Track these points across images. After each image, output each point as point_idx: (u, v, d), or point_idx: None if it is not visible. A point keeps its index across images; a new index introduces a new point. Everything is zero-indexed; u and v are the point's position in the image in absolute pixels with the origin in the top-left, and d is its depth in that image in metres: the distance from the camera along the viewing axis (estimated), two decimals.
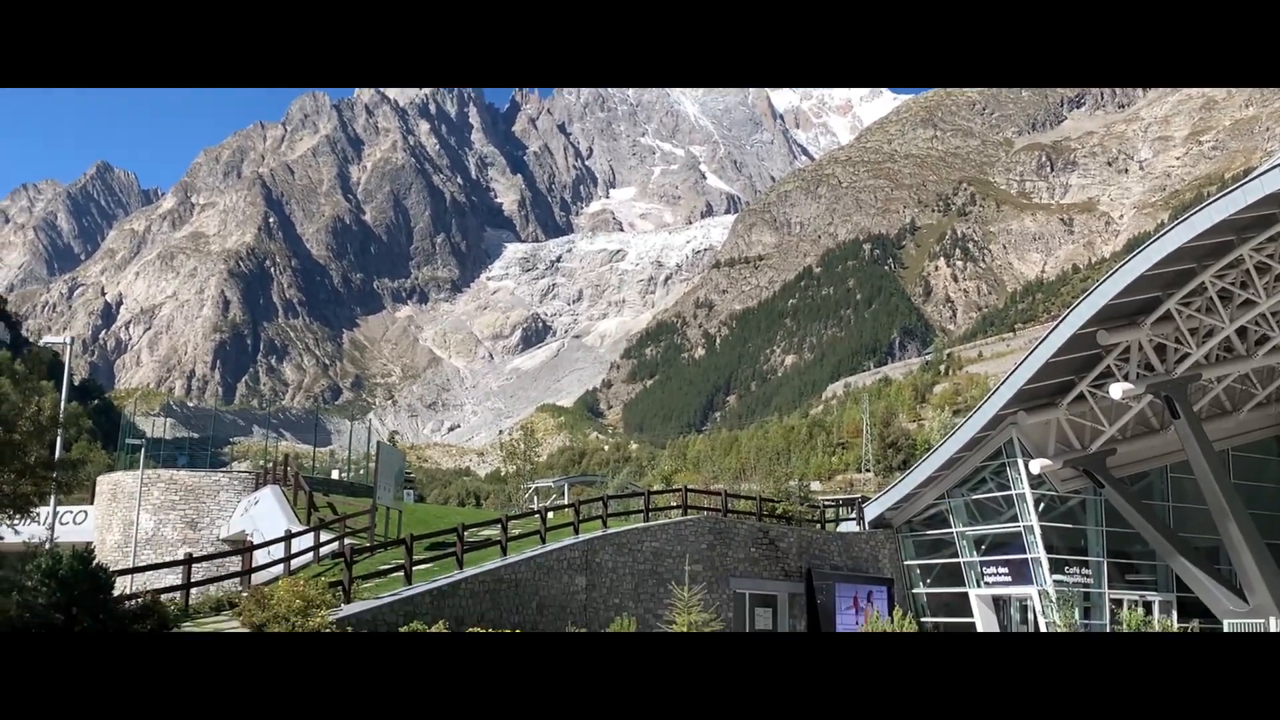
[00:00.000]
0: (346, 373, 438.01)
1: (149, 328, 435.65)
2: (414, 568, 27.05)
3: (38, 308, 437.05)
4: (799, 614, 38.77)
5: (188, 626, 21.85)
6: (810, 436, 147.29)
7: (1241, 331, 36.62)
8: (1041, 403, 38.71)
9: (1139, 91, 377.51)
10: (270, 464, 47.39)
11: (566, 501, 49.92)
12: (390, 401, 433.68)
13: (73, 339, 36.92)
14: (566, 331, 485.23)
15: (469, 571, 28.17)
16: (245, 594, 24.57)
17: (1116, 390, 36.00)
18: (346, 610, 23.59)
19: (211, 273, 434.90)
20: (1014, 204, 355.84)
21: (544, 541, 31.80)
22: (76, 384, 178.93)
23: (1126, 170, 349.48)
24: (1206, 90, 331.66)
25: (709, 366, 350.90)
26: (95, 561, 19.69)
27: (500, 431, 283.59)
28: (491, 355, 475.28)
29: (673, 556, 34.36)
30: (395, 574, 27.00)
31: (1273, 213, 31.19)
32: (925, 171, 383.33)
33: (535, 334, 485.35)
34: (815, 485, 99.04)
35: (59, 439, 19.91)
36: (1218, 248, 33.26)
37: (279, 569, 27.83)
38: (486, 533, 33.02)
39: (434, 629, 20.06)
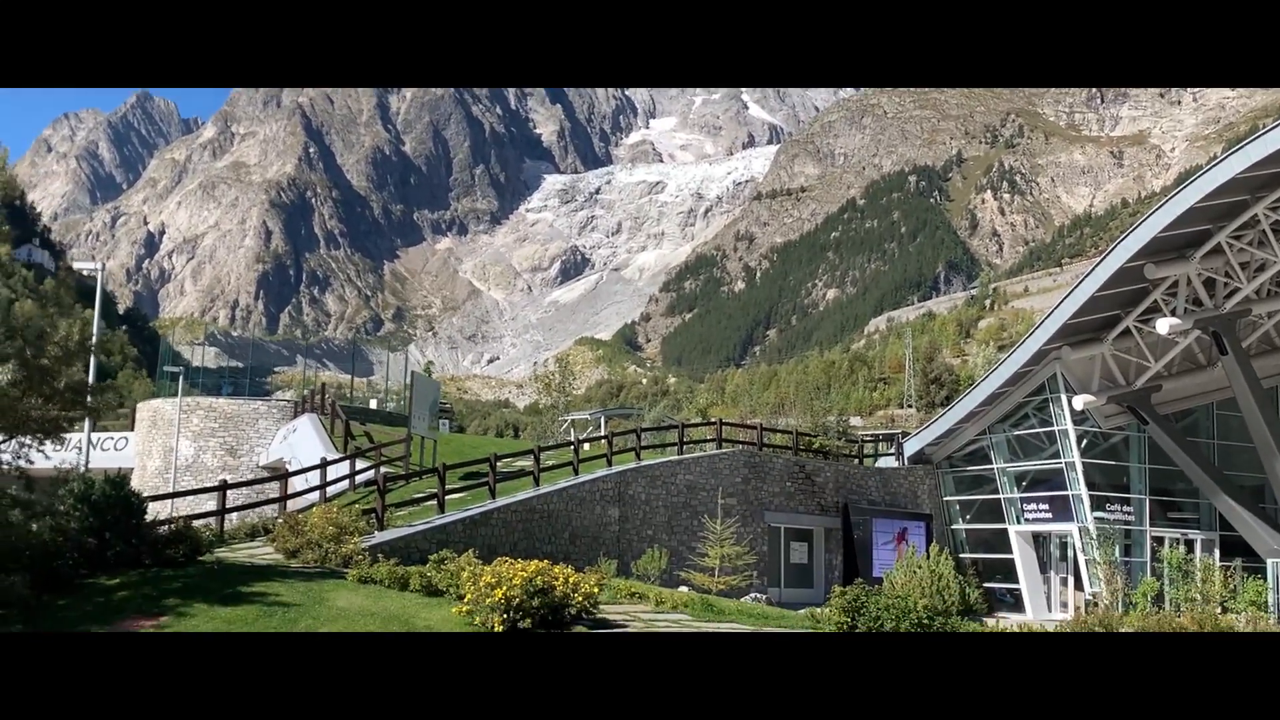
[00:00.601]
0: (388, 304, 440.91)
1: (192, 257, 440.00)
2: (447, 497, 27.06)
3: (81, 236, 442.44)
4: (835, 548, 38.65)
5: (221, 552, 21.95)
6: (851, 371, 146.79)
7: None
8: (1086, 338, 38.02)
9: None
10: (310, 392, 47.72)
11: (603, 434, 49.86)
12: (431, 333, 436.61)
13: (104, 264, 36.96)
14: (605, 264, 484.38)
15: (501, 501, 28.18)
16: (280, 520, 24.69)
17: (1163, 325, 35.24)
18: (379, 537, 23.64)
19: (253, 203, 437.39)
20: (1063, 136, 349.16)
21: (577, 473, 31.74)
22: (121, 313, 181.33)
23: (1179, 102, 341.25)
24: None
25: (749, 300, 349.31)
26: (128, 486, 19.74)
27: (536, 364, 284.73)
28: (530, 288, 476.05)
29: (706, 489, 34.24)
30: (428, 502, 27.01)
31: None
32: (972, 102, 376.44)
33: (574, 266, 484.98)
34: (855, 420, 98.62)
35: (91, 363, 19.83)
36: (1272, 179, 32.24)
37: (314, 496, 27.98)
38: (520, 463, 33.02)
39: (463, 557, 20.04)
